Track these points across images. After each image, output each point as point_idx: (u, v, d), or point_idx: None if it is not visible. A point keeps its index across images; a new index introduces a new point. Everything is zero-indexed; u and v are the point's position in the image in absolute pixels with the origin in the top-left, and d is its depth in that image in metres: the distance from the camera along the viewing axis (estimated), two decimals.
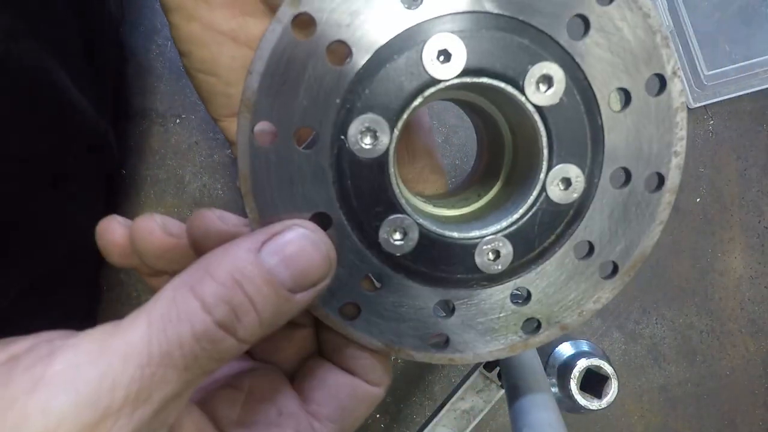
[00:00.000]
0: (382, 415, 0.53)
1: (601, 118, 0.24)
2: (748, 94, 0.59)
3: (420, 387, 0.53)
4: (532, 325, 0.26)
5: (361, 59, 0.22)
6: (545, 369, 0.46)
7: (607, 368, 0.43)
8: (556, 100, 0.23)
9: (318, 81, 0.22)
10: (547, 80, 0.23)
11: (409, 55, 0.22)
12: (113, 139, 0.50)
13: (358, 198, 0.23)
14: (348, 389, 0.26)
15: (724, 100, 0.59)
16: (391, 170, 0.24)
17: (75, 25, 0.39)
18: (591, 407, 0.43)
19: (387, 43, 0.22)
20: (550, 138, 0.24)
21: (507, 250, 0.25)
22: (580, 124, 0.24)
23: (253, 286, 0.20)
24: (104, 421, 0.18)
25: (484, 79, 0.23)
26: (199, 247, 0.23)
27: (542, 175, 0.25)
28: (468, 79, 0.23)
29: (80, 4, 0.40)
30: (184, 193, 0.54)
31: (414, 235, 0.24)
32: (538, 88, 0.23)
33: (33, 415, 0.17)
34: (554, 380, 0.46)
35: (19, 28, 0.31)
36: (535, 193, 0.25)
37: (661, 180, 0.25)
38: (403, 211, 0.24)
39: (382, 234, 0.24)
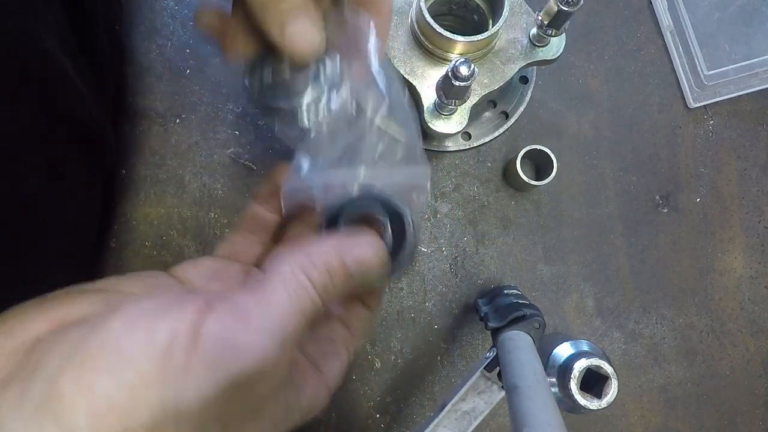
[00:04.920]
0: (382, 415, 0.53)
1: None
2: (748, 94, 0.59)
3: (420, 387, 0.53)
4: None
5: None
6: (545, 369, 0.46)
7: (607, 368, 0.43)
8: None
9: None
10: None
11: None
12: (112, 136, 0.49)
13: None
14: None
15: (724, 100, 0.59)
16: None
17: (64, 15, 0.38)
18: (591, 407, 0.43)
19: None
20: None
21: None
22: None
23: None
24: None
25: None
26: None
27: None
28: None
29: None
30: (184, 193, 0.54)
31: None
32: None
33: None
34: (554, 380, 0.46)
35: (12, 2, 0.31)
36: None
37: None
38: None
39: None
